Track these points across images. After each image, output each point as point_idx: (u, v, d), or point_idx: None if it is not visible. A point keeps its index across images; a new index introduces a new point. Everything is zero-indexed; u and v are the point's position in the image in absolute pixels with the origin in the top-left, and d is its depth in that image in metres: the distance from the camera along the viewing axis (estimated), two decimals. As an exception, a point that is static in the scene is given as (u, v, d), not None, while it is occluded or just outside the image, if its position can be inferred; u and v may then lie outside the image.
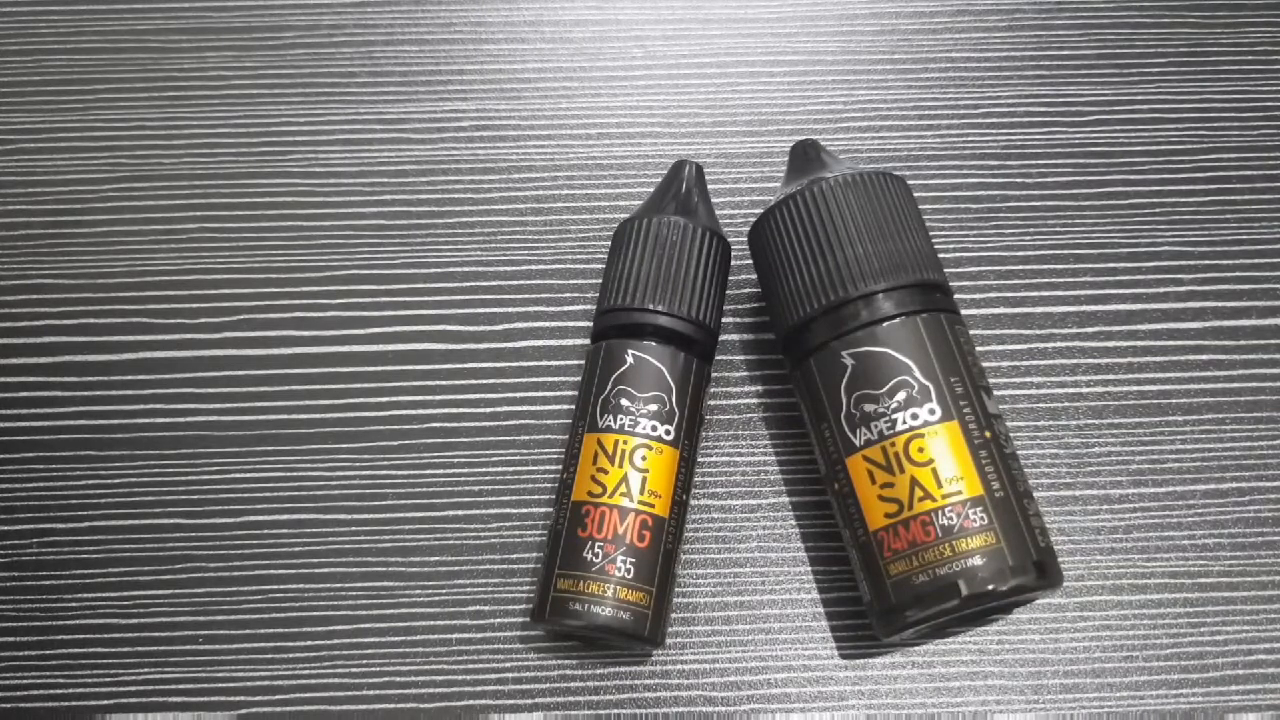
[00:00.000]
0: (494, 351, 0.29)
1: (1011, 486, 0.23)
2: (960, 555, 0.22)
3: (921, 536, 0.22)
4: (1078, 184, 0.31)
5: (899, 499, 0.23)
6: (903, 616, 0.23)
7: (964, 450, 0.23)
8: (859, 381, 0.24)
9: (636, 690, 0.26)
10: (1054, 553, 0.23)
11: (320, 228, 0.31)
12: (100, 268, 0.31)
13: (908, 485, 0.23)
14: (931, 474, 0.23)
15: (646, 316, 0.26)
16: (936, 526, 0.22)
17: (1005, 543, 0.22)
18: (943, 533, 0.22)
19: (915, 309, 0.24)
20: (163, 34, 0.34)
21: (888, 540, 0.23)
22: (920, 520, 0.22)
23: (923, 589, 0.22)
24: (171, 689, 0.26)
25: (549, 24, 0.34)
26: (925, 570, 0.22)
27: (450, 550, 0.27)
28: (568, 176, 0.32)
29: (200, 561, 0.27)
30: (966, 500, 0.22)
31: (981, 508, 0.22)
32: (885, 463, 0.23)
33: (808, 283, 0.25)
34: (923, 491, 0.23)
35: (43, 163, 0.32)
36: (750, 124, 0.32)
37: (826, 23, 0.34)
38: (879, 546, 0.23)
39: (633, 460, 0.25)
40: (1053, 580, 0.23)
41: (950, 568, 0.22)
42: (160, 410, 0.29)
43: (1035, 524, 0.23)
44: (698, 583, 0.27)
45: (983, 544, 0.22)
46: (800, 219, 0.25)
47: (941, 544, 0.22)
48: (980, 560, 0.22)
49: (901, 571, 0.23)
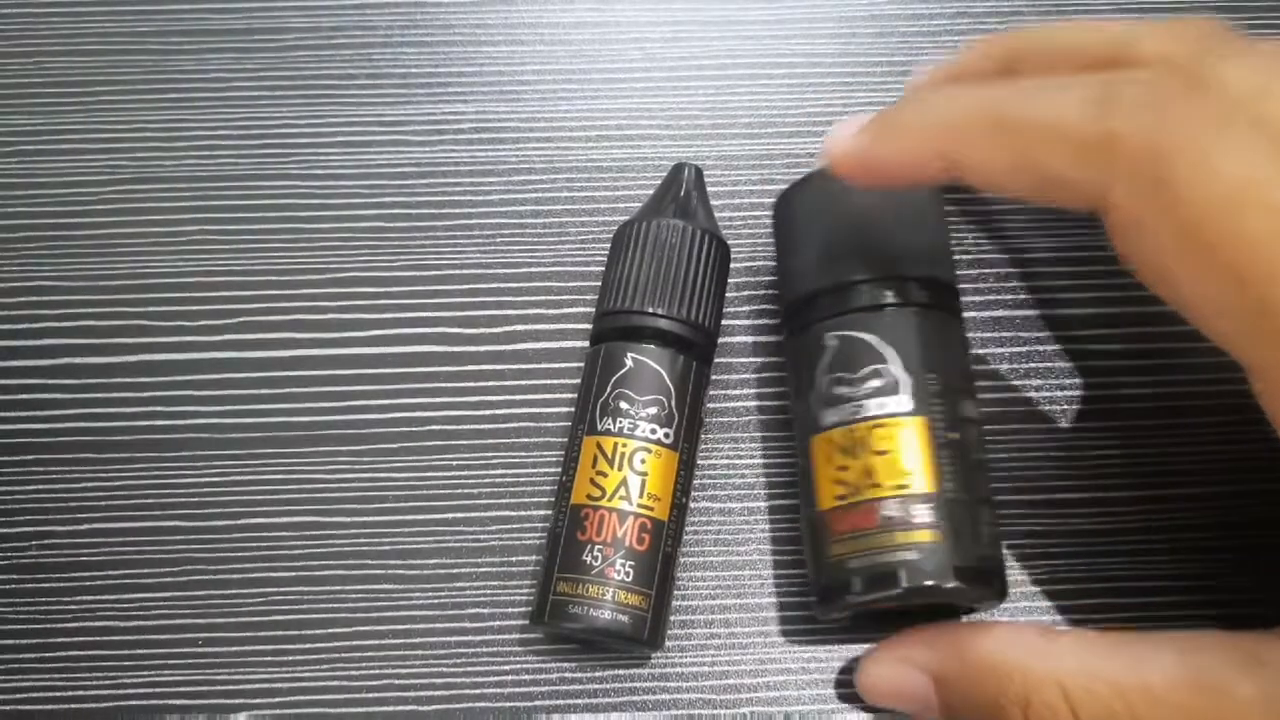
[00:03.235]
0: (493, 354, 0.29)
1: (968, 490, 0.23)
2: (899, 546, 0.22)
3: (864, 522, 0.23)
4: (1077, 186, 0.31)
5: (850, 483, 0.23)
6: (838, 598, 0.23)
7: (926, 446, 0.23)
8: (837, 364, 0.24)
9: (635, 693, 0.26)
10: (1002, 564, 0.23)
11: (320, 230, 0.31)
12: (101, 270, 0.31)
13: (861, 471, 0.23)
14: (887, 464, 0.23)
15: (646, 319, 0.26)
16: (879, 515, 0.23)
17: (948, 542, 0.22)
18: (885, 522, 0.22)
19: (906, 302, 0.24)
20: (163, 36, 0.34)
21: (833, 522, 0.23)
22: (866, 507, 0.23)
23: (859, 574, 0.23)
24: (171, 691, 0.26)
25: (548, 26, 0.34)
26: (862, 555, 0.23)
27: (450, 553, 0.27)
28: (567, 179, 0.32)
29: (200, 564, 0.27)
30: (916, 495, 0.22)
31: (930, 505, 0.22)
32: (846, 445, 0.23)
33: (810, 261, 0.25)
34: (874, 479, 0.23)
35: (43, 165, 0.32)
36: (750, 126, 0.32)
37: (825, 25, 0.34)
38: (824, 527, 0.24)
39: (632, 463, 0.25)
40: (994, 589, 0.23)
41: (889, 557, 0.22)
42: (160, 412, 0.29)
43: (987, 532, 0.23)
44: (697, 586, 0.27)
45: (924, 539, 0.22)
46: (819, 199, 0.25)
47: (882, 532, 0.22)
48: (918, 555, 0.22)
49: (840, 554, 0.23)
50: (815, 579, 0.24)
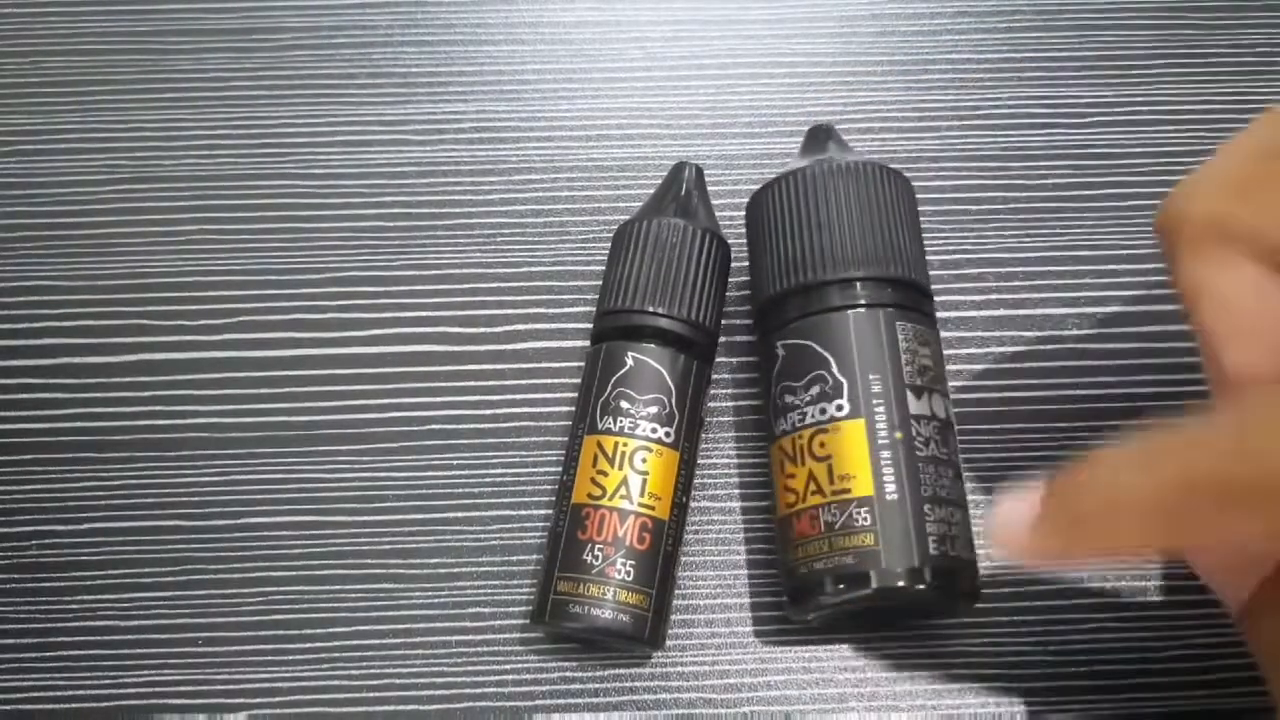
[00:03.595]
0: (494, 353, 0.29)
1: (911, 490, 0.22)
2: (834, 552, 0.22)
3: (809, 530, 0.23)
4: (1078, 186, 0.31)
5: (796, 490, 0.23)
6: (798, 604, 0.24)
7: (863, 449, 0.23)
8: (784, 372, 0.24)
9: (636, 692, 0.26)
10: (950, 563, 0.22)
11: (320, 229, 0.31)
12: (100, 269, 0.31)
13: (805, 478, 0.23)
14: (826, 470, 0.23)
15: (646, 318, 0.26)
16: (821, 522, 0.23)
17: (883, 545, 0.22)
18: (825, 528, 0.23)
19: (847, 304, 0.24)
20: (162, 36, 0.34)
21: (786, 529, 0.24)
22: (809, 514, 0.23)
23: (806, 580, 0.23)
24: (171, 691, 0.26)
25: (549, 25, 0.34)
26: (807, 563, 0.23)
27: (450, 552, 0.27)
28: (567, 178, 0.32)
29: (200, 563, 0.27)
30: (853, 499, 0.22)
31: (867, 508, 0.22)
32: (792, 454, 0.24)
33: (764, 269, 0.26)
34: (815, 486, 0.23)
35: (41, 164, 0.32)
36: (750, 126, 0.32)
37: (826, 24, 0.34)
38: (782, 533, 0.24)
39: (632, 462, 0.25)
40: (943, 589, 0.22)
41: (826, 563, 0.22)
42: (160, 412, 0.29)
43: (931, 530, 0.22)
44: (697, 585, 0.27)
45: (860, 544, 0.22)
46: (792, 197, 0.25)
47: (822, 539, 0.23)
48: (852, 560, 0.22)
49: (795, 559, 0.23)
50: (783, 582, 0.24)
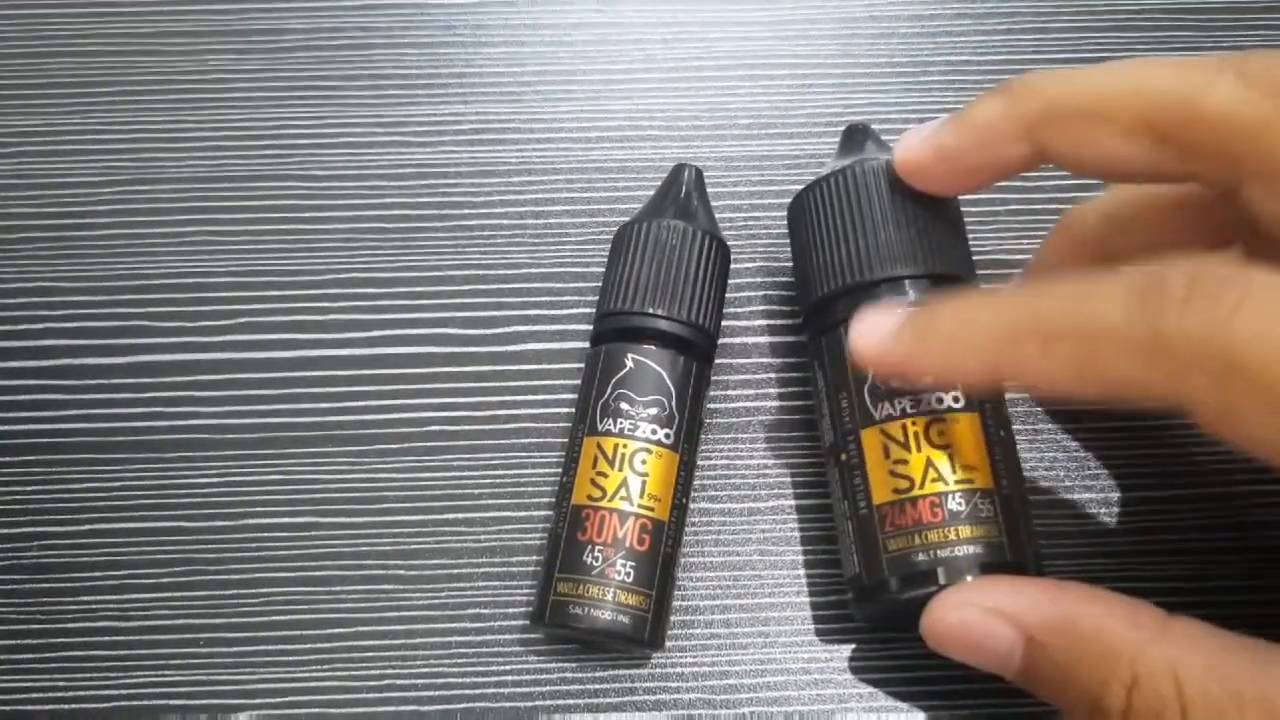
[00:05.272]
0: (494, 355, 0.29)
1: (1017, 485, 0.23)
2: (962, 541, 0.22)
3: (928, 517, 0.23)
4: (1077, 186, 0.31)
5: (911, 476, 0.23)
6: (889, 593, 0.23)
7: (980, 442, 0.23)
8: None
9: (636, 693, 0.26)
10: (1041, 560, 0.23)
11: (320, 231, 0.31)
12: (101, 270, 0.31)
13: (922, 465, 0.23)
14: (947, 458, 0.23)
15: (646, 320, 0.26)
16: (945, 510, 0.22)
17: (1006, 537, 0.22)
18: (949, 517, 0.22)
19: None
20: (163, 37, 0.34)
21: (891, 516, 0.23)
22: (929, 500, 0.23)
23: (919, 567, 0.22)
24: (172, 691, 0.26)
25: (548, 27, 0.34)
26: (925, 550, 0.22)
27: (450, 553, 0.27)
28: (567, 180, 0.32)
29: (200, 565, 0.27)
30: (976, 490, 0.23)
31: (990, 500, 0.23)
32: (903, 439, 0.23)
33: (842, 260, 0.25)
34: (936, 473, 0.23)
35: (43, 166, 0.32)
36: (750, 127, 0.32)
37: (826, 26, 0.34)
38: (880, 521, 0.23)
39: (632, 464, 0.25)
40: None
41: (952, 551, 0.22)
42: (160, 413, 0.29)
43: (1032, 527, 0.23)
44: (697, 586, 0.27)
45: (985, 535, 0.22)
46: (836, 198, 0.25)
47: (946, 527, 0.22)
48: (980, 550, 0.22)
49: (901, 548, 0.23)
50: (863, 575, 0.24)
